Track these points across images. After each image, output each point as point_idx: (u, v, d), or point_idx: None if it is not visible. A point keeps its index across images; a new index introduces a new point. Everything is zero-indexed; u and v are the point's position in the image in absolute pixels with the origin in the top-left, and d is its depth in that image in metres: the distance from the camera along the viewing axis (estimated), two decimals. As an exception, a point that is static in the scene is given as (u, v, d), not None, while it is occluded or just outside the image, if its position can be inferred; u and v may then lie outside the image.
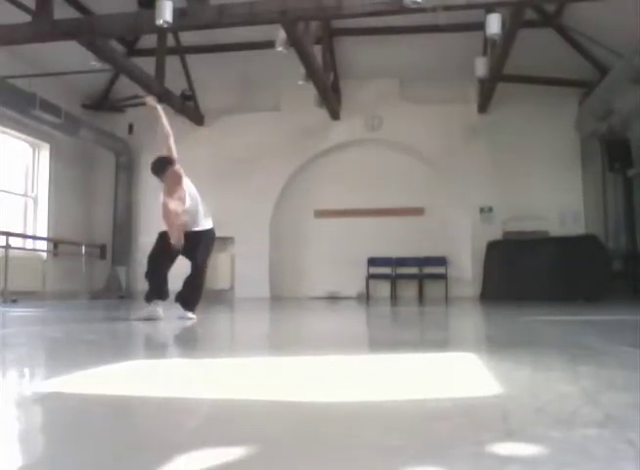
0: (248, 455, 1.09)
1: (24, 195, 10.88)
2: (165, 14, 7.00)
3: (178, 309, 5.01)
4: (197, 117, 11.76)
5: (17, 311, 6.53)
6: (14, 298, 8.54)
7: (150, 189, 12.22)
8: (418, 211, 11.33)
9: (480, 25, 8.10)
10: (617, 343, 3.10)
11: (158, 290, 4.95)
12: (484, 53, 9.64)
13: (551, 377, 1.95)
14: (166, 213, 5.05)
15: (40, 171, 11.02)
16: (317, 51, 9.26)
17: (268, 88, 11.45)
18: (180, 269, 5.19)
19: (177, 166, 5.33)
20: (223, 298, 11.45)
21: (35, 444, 1.21)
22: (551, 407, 1.47)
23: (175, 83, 10.64)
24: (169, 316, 4.88)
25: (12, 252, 9.05)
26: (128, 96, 11.32)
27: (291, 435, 1.28)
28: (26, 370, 2.28)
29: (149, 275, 5.01)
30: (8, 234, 9.12)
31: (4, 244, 8.92)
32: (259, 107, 11.64)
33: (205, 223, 5.31)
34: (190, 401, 1.60)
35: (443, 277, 10.97)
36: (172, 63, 10.44)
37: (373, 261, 11.22)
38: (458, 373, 2.12)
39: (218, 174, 11.62)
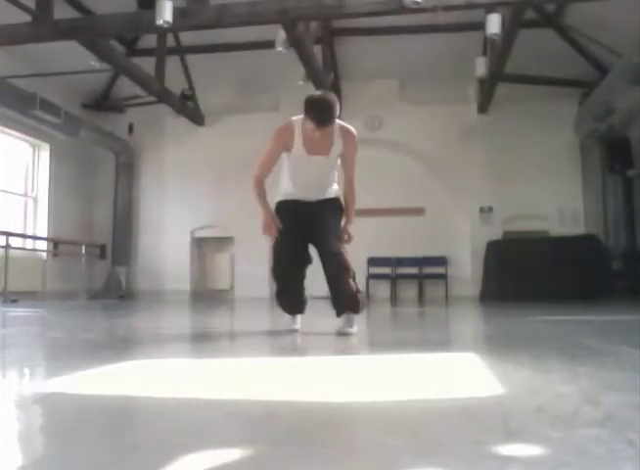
0: (248, 456, 1.09)
1: (24, 195, 10.88)
2: (165, 14, 7.00)
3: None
4: (197, 118, 11.76)
5: (17, 311, 6.53)
6: (14, 298, 8.54)
7: (150, 189, 12.27)
8: (418, 211, 11.32)
9: (480, 25, 8.10)
10: (616, 343, 3.10)
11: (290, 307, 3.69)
12: (484, 53, 9.64)
13: (551, 377, 1.95)
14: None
15: (40, 171, 11.03)
16: (317, 51, 9.26)
17: (268, 88, 11.45)
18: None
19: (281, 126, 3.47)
20: (223, 298, 11.46)
21: (35, 444, 1.22)
22: (551, 407, 1.47)
23: (175, 83, 10.64)
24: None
25: (12, 252, 9.05)
26: (128, 96, 11.33)
27: (290, 435, 1.28)
28: (26, 370, 2.28)
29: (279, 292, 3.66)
30: (8, 234, 9.13)
31: (4, 244, 8.93)
32: (259, 107, 11.63)
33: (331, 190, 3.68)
34: (190, 402, 1.60)
35: (443, 277, 10.98)
36: (172, 63, 10.45)
37: (373, 261, 11.22)
38: (458, 373, 2.12)
39: (219, 174, 11.63)
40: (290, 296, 3.66)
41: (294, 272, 3.60)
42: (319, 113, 3.18)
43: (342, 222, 3.66)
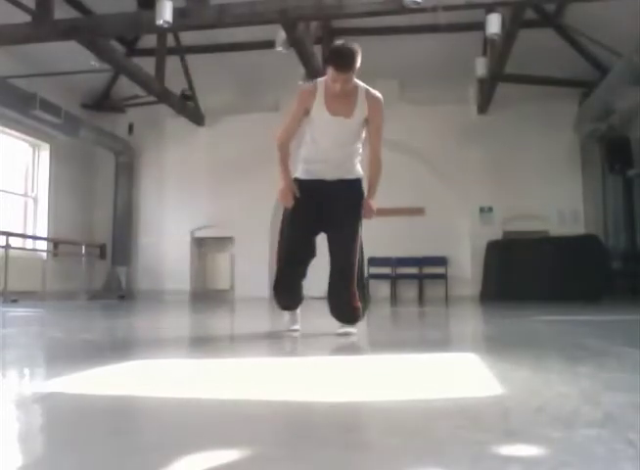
0: (248, 456, 1.09)
1: (24, 195, 10.88)
2: (165, 14, 7.00)
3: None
4: (197, 118, 11.76)
5: (17, 311, 6.53)
6: (14, 298, 8.54)
7: (150, 189, 12.27)
8: (418, 212, 11.32)
9: (480, 25, 8.10)
10: (616, 343, 3.10)
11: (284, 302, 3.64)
12: (484, 53, 9.64)
13: (551, 377, 1.95)
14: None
15: (40, 171, 11.03)
16: (317, 51, 9.26)
17: (268, 88, 11.44)
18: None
19: (307, 86, 3.44)
20: (223, 298, 11.46)
21: (35, 444, 1.21)
22: (551, 408, 1.47)
23: (175, 83, 10.64)
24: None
25: (12, 252, 9.05)
26: (128, 96, 11.33)
27: (290, 435, 1.28)
28: (26, 370, 2.28)
29: (276, 283, 3.55)
30: (8, 234, 9.13)
31: (4, 244, 8.93)
32: (259, 107, 11.63)
33: (355, 170, 3.48)
34: (190, 401, 1.60)
35: (443, 277, 10.98)
36: (172, 63, 10.45)
37: (373, 261, 11.20)
38: (458, 373, 2.12)
39: (219, 174, 11.63)
40: (288, 289, 3.58)
41: (297, 267, 3.52)
42: (338, 57, 3.13)
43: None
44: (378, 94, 3.37)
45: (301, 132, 3.46)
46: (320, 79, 3.34)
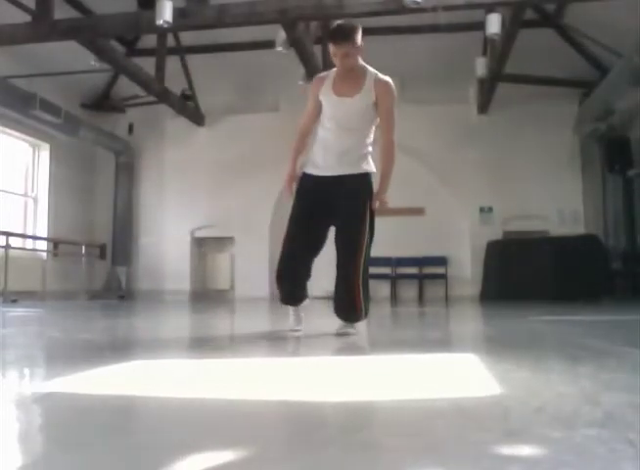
0: (247, 456, 1.09)
1: (24, 195, 10.88)
2: (165, 14, 7.00)
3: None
4: (197, 118, 11.76)
5: (17, 311, 6.53)
6: (14, 298, 8.54)
7: (150, 189, 12.26)
8: (418, 212, 11.32)
9: (480, 25, 8.10)
10: (616, 343, 3.10)
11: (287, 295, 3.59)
12: (484, 53, 9.65)
13: (551, 378, 1.95)
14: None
15: (40, 171, 11.03)
16: (317, 51, 9.25)
17: (268, 88, 11.45)
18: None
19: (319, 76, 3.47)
20: (223, 298, 11.45)
21: (35, 443, 1.21)
22: (551, 408, 1.47)
23: (175, 83, 10.64)
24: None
25: (12, 252, 9.05)
26: (128, 96, 11.33)
27: (290, 435, 1.28)
28: (26, 370, 2.28)
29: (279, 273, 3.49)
30: (8, 234, 9.12)
31: (4, 244, 8.92)
32: (260, 107, 11.64)
33: (364, 164, 3.44)
34: (190, 402, 1.60)
35: (443, 277, 10.97)
36: (172, 63, 10.45)
37: (373, 261, 11.15)
38: (458, 373, 2.12)
39: (219, 174, 11.63)
40: (287, 284, 3.53)
41: (296, 263, 3.47)
42: (334, 30, 3.20)
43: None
44: (387, 78, 3.35)
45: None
46: (334, 68, 3.36)
